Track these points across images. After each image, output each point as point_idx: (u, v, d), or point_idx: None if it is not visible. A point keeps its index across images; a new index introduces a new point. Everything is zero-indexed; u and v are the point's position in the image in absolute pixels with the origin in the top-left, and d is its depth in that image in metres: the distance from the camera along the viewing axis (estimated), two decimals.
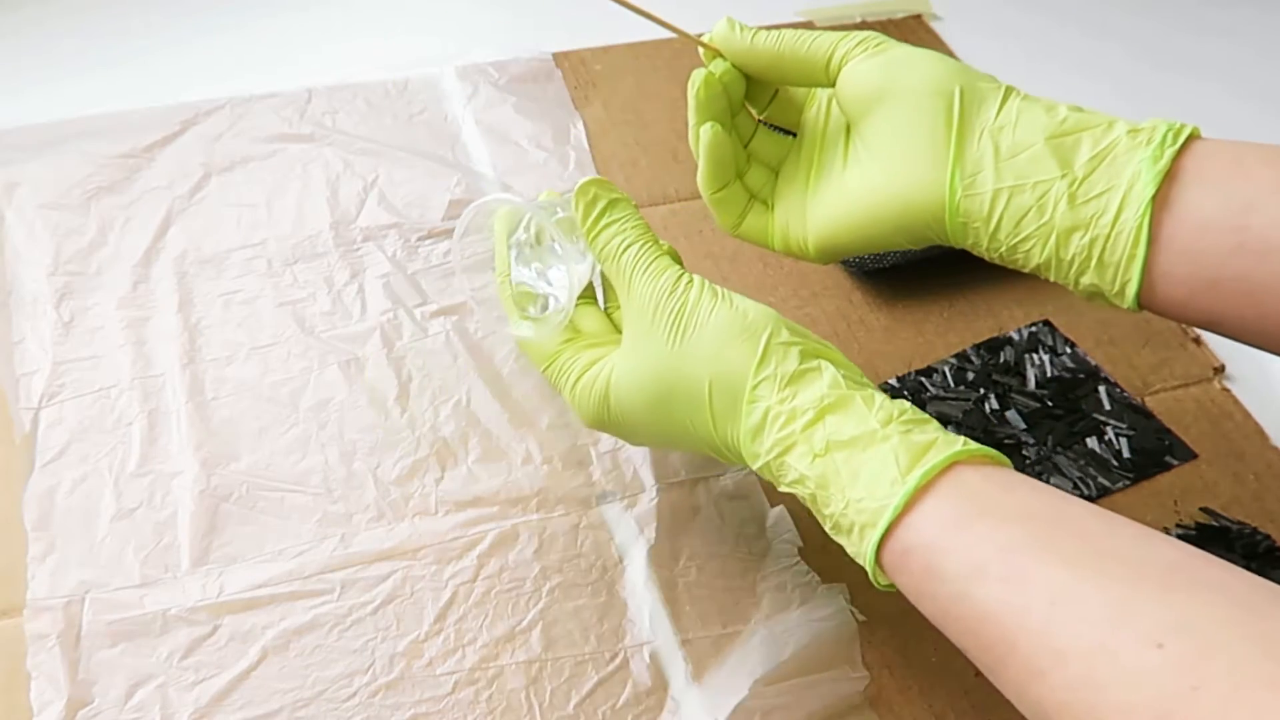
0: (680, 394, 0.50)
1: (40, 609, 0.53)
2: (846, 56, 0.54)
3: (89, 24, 0.87)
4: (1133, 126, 0.49)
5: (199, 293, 0.68)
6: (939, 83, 0.51)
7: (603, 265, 0.55)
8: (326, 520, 0.58)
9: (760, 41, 0.55)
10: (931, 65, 0.52)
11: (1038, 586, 0.40)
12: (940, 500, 0.44)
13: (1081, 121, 0.50)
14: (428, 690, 0.52)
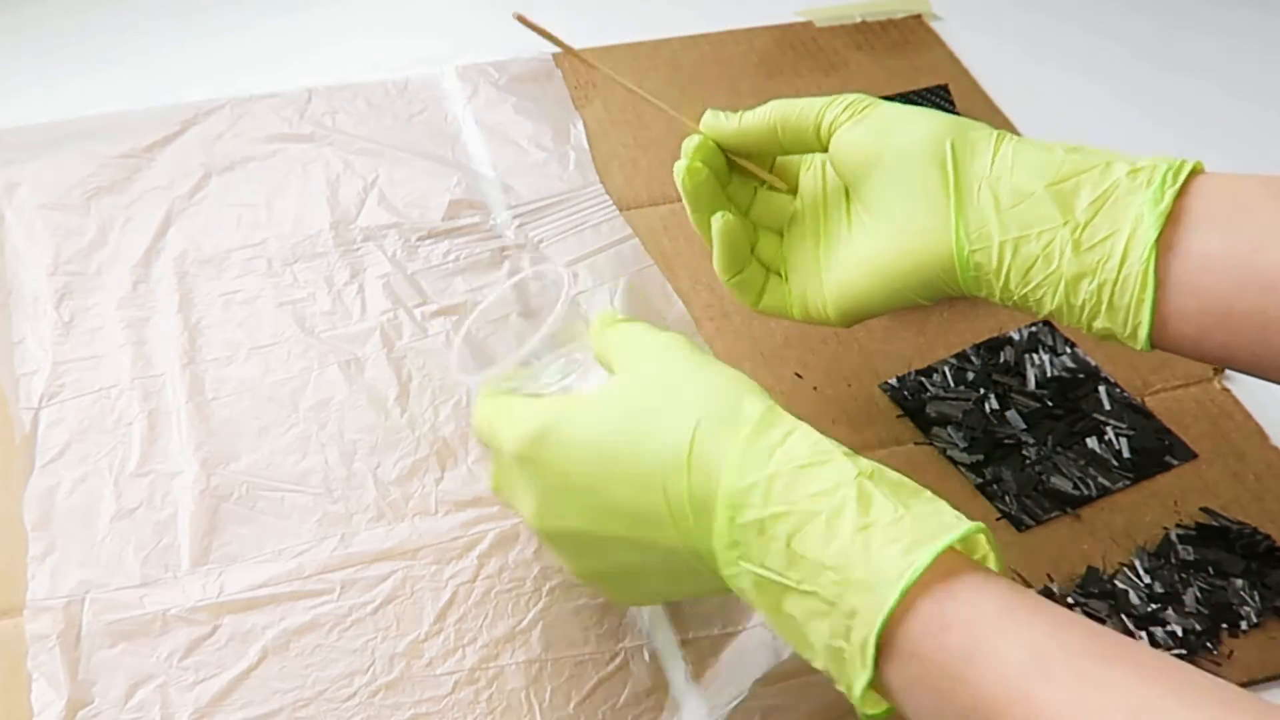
0: (656, 404, 0.45)
1: (40, 609, 0.53)
2: (835, 123, 0.54)
3: (89, 24, 0.87)
4: (1132, 166, 0.49)
5: (199, 293, 0.68)
6: (930, 140, 0.52)
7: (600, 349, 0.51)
8: (326, 520, 0.58)
9: (748, 123, 0.55)
10: (921, 123, 0.52)
11: (1113, 696, 0.35)
12: (988, 579, 0.40)
13: (1079, 164, 0.50)
14: (428, 690, 0.52)
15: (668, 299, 0.69)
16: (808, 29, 0.89)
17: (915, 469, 0.61)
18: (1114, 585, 0.56)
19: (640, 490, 0.45)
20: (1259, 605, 0.55)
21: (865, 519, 0.41)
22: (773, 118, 0.55)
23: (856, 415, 0.64)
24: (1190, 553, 0.57)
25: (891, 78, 0.85)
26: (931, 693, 0.39)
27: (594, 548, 0.48)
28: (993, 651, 0.38)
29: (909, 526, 0.40)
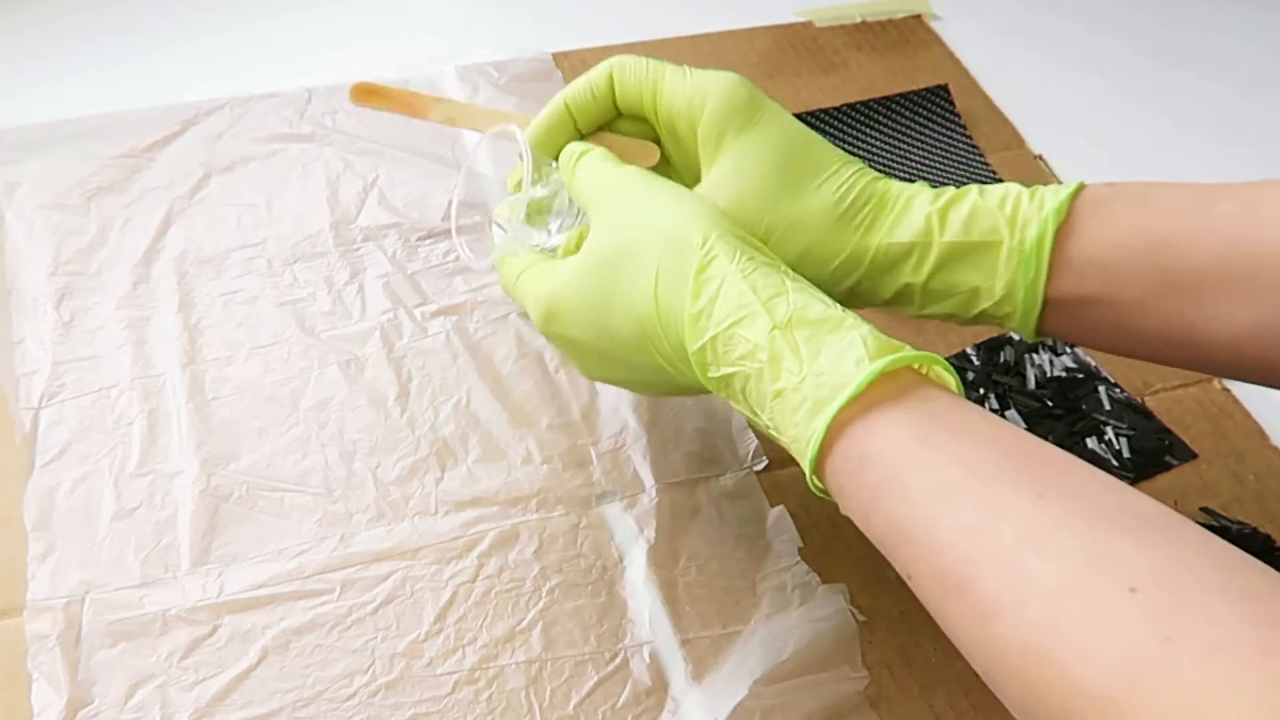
0: (625, 260, 0.48)
1: (40, 609, 0.53)
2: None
3: (89, 24, 0.87)
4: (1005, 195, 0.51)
5: (199, 293, 0.68)
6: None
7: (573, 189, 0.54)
8: (326, 520, 0.58)
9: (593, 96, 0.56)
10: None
11: (1009, 519, 0.38)
12: (907, 411, 0.42)
13: (955, 194, 0.52)
14: (428, 690, 0.52)
15: None
16: (807, 29, 0.89)
17: None
18: None
19: (633, 346, 0.49)
20: None
21: (776, 385, 0.44)
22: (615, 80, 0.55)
23: None
24: None
25: (891, 78, 0.85)
26: (859, 522, 0.43)
27: (602, 364, 0.53)
28: (900, 483, 0.40)
29: (811, 388, 0.43)
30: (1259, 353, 0.48)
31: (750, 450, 0.61)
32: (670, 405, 0.63)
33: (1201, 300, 0.48)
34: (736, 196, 0.52)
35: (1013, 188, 0.51)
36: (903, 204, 0.51)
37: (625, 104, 0.56)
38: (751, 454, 0.61)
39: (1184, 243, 0.48)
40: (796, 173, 0.52)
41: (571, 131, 0.56)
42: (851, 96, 0.83)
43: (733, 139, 0.52)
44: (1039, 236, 0.49)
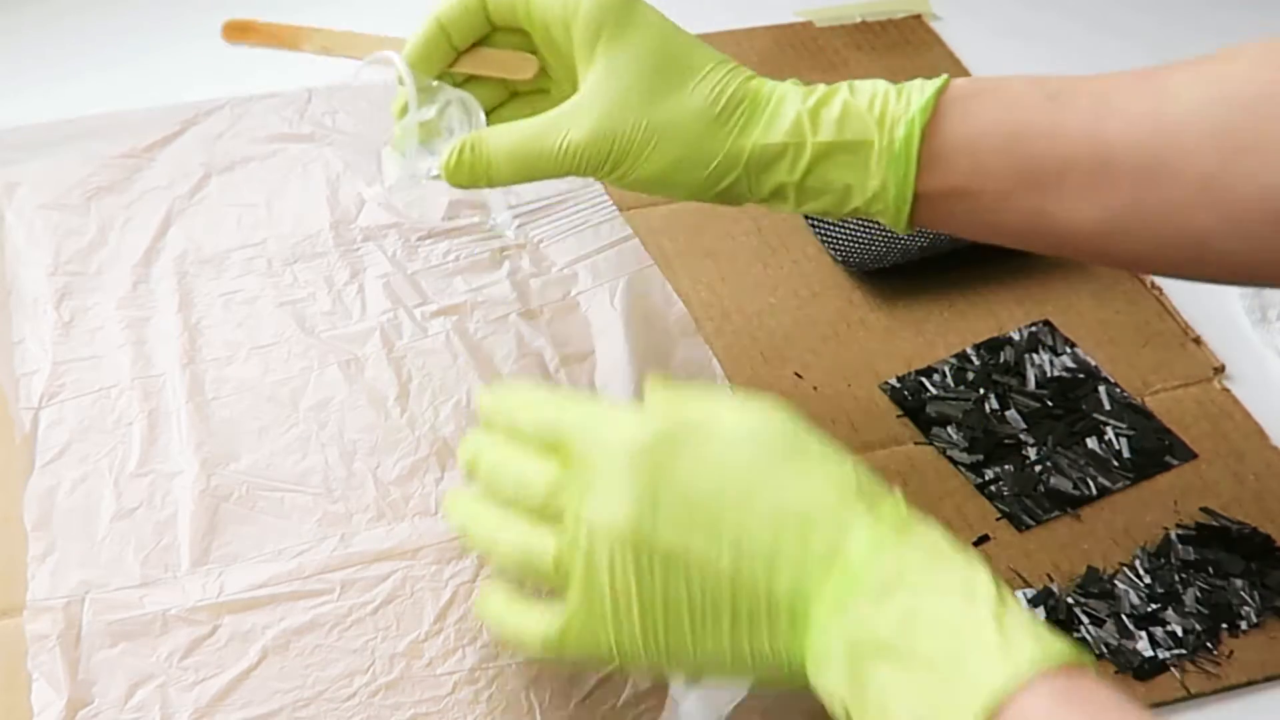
0: None
1: (40, 610, 0.53)
2: None
3: (89, 24, 0.87)
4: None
5: (199, 293, 0.68)
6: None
7: None
8: (326, 520, 0.58)
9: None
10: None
11: None
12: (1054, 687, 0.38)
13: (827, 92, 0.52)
14: (428, 690, 0.52)
15: (668, 299, 0.69)
16: (807, 29, 0.89)
17: (915, 469, 0.61)
18: (1114, 585, 0.56)
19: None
20: (1259, 605, 0.55)
21: None
22: None
23: (856, 415, 0.64)
24: (1190, 553, 0.57)
25: (891, 78, 0.84)
26: None
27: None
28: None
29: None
30: (1119, 244, 0.50)
31: None
32: None
33: (1060, 193, 0.49)
34: (612, 101, 0.51)
35: (880, 85, 0.51)
36: (775, 103, 0.52)
37: (498, 15, 0.54)
38: None
39: (1040, 137, 0.49)
40: (671, 74, 0.52)
41: (447, 48, 0.55)
42: None
43: (607, 43, 0.52)
44: (907, 136, 0.50)
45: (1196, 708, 0.53)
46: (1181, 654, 0.54)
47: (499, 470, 0.47)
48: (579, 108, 0.52)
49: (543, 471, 0.45)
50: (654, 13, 0.53)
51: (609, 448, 0.44)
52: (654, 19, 0.53)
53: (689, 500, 0.42)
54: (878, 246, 0.70)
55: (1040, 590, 0.56)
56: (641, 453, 0.43)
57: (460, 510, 0.48)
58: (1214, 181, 0.47)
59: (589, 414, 0.46)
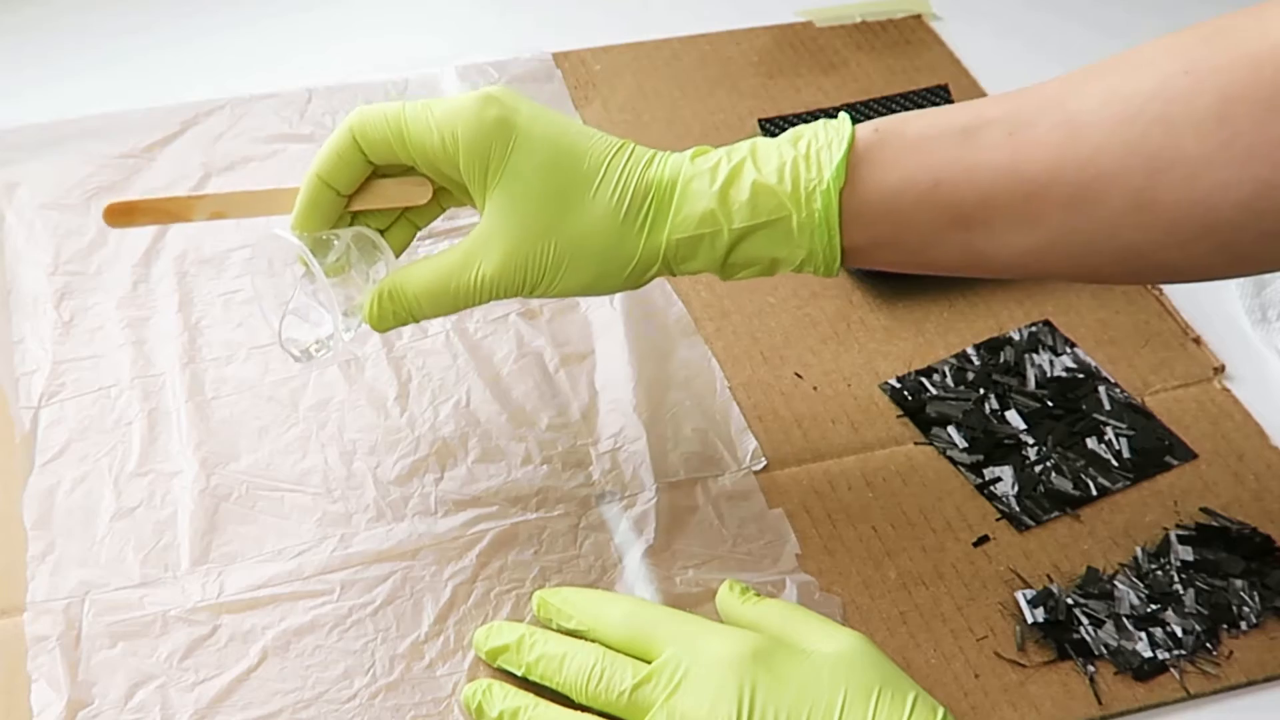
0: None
1: (41, 610, 0.53)
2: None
3: (89, 24, 0.87)
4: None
5: (199, 293, 0.68)
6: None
7: None
8: (326, 520, 0.58)
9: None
10: None
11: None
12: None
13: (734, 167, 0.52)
14: (428, 692, 0.52)
15: (667, 299, 0.69)
16: (808, 29, 0.89)
17: (915, 469, 0.61)
18: (1114, 585, 0.56)
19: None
20: (1259, 605, 0.55)
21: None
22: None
23: (856, 415, 0.64)
24: (1190, 553, 0.57)
25: (891, 78, 0.85)
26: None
27: None
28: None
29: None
30: (1054, 267, 0.51)
31: (749, 451, 0.61)
32: (670, 405, 0.63)
33: (987, 229, 0.49)
34: (516, 231, 0.51)
35: (785, 151, 0.51)
36: (681, 193, 0.51)
37: (378, 159, 0.53)
38: (750, 455, 0.61)
39: (959, 181, 0.49)
40: (568, 188, 0.51)
41: (335, 200, 0.54)
42: (851, 97, 0.83)
43: (496, 171, 0.51)
44: (825, 206, 0.50)
45: (1196, 708, 0.53)
46: (1181, 654, 0.54)
47: (575, 663, 0.49)
48: (487, 239, 0.51)
49: (629, 666, 0.48)
50: (534, 121, 0.52)
51: (707, 654, 0.47)
52: (536, 132, 0.52)
53: (779, 711, 0.45)
54: None
55: (1040, 590, 0.56)
56: (741, 661, 0.46)
57: (503, 701, 0.49)
58: (1141, 200, 0.47)
59: (676, 619, 0.50)
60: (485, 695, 0.50)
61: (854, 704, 0.46)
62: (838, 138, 0.50)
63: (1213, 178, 0.46)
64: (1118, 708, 0.52)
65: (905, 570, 0.57)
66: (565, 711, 0.49)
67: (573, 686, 0.49)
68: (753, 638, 0.48)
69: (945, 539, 0.58)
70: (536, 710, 0.49)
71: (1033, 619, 0.55)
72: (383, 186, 0.55)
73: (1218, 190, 0.46)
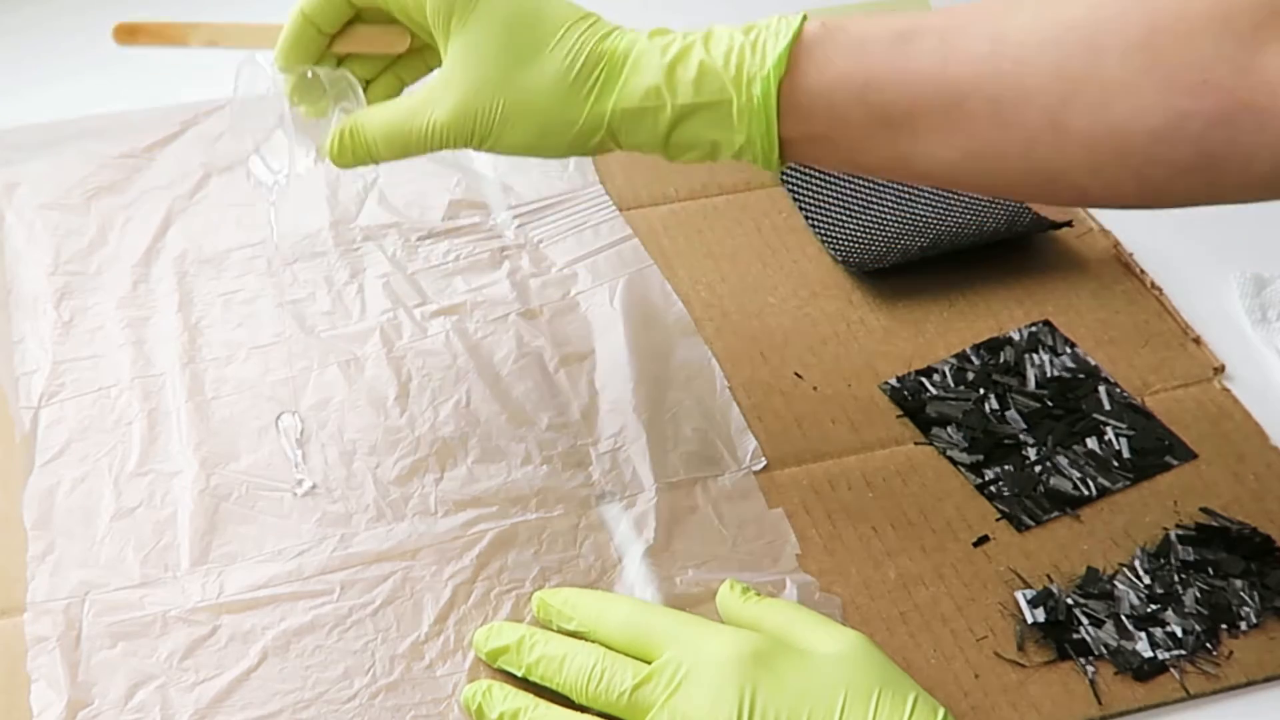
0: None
1: (41, 611, 0.53)
2: None
3: (89, 24, 0.87)
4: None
5: (199, 292, 0.68)
6: None
7: None
8: (326, 520, 0.58)
9: None
10: None
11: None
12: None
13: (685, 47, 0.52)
14: (428, 692, 0.52)
15: (667, 299, 0.69)
16: None
17: (915, 469, 0.61)
18: (1114, 585, 0.56)
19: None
20: (1259, 605, 0.55)
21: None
22: None
23: (856, 415, 0.64)
24: (1190, 553, 0.57)
25: None
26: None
27: None
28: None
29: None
30: (976, 180, 0.51)
31: (749, 451, 0.61)
32: (670, 405, 0.63)
33: (914, 135, 0.50)
34: (469, 80, 0.52)
35: (736, 37, 0.51)
36: (631, 64, 0.52)
37: (360, 3, 0.55)
38: (750, 455, 0.61)
39: (891, 84, 0.50)
40: (525, 44, 0.52)
41: (317, 37, 0.55)
42: None
43: (460, 20, 0.52)
44: (764, 93, 0.50)
45: (1196, 708, 0.53)
46: (1181, 654, 0.54)
47: (575, 663, 0.49)
48: (442, 87, 0.53)
49: (629, 666, 0.49)
50: None
51: (708, 654, 0.48)
52: None
53: (780, 712, 0.46)
54: (878, 246, 0.70)
55: (1040, 590, 0.56)
56: (742, 662, 0.47)
57: (504, 702, 0.50)
58: (1058, 121, 0.48)
59: (677, 620, 0.50)
60: (485, 696, 0.50)
61: (854, 705, 0.46)
62: (785, 28, 0.51)
63: (1129, 103, 0.46)
64: (1118, 708, 0.52)
65: (905, 570, 0.57)
66: (566, 712, 0.49)
67: (573, 687, 0.49)
68: (753, 638, 0.48)
69: (945, 539, 0.58)
70: (537, 711, 0.49)
71: (1033, 619, 0.55)
72: (363, 30, 0.56)
73: (1133, 116, 0.46)
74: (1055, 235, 0.73)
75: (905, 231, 0.71)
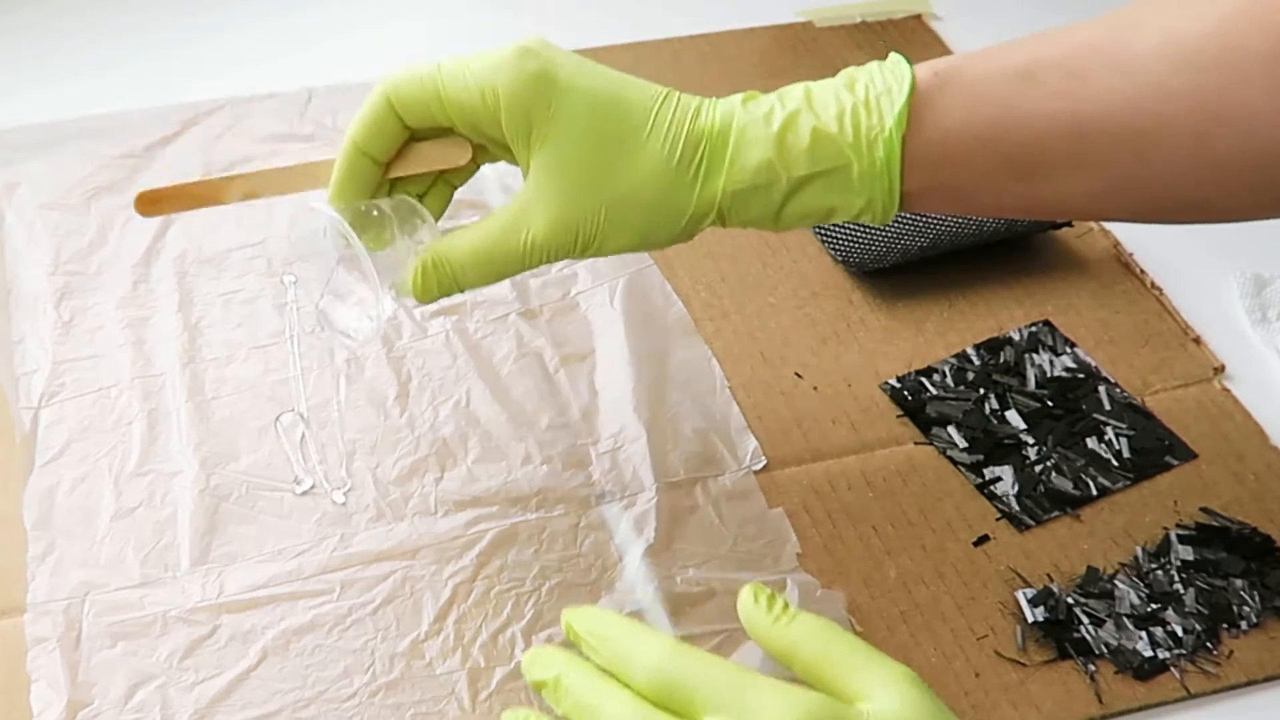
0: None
1: (41, 611, 0.53)
2: None
3: (89, 24, 0.87)
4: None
5: (199, 292, 0.68)
6: None
7: None
8: (326, 520, 0.58)
9: None
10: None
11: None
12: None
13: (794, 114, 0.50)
14: (428, 690, 0.52)
15: (667, 299, 0.69)
16: (808, 29, 0.89)
17: (915, 469, 0.61)
18: (1114, 585, 0.56)
19: None
20: (1259, 605, 0.55)
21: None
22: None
23: (856, 415, 0.64)
24: (1190, 553, 0.57)
25: None
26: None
27: None
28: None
29: None
30: (1112, 212, 0.51)
31: (749, 450, 0.61)
32: (670, 405, 0.63)
33: (1045, 176, 0.48)
34: (564, 190, 0.49)
35: (843, 97, 0.49)
36: (736, 142, 0.49)
37: (414, 123, 0.51)
38: (750, 454, 0.61)
39: (1013, 127, 0.48)
40: (616, 142, 0.49)
41: (372, 168, 0.52)
42: None
43: (540, 129, 0.49)
44: (887, 155, 0.48)
45: (1196, 708, 0.53)
46: (1181, 654, 0.54)
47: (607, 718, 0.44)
48: (534, 202, 0.49)
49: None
50: (576, 74, 0.50)
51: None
52: (580, 85, 0.49)
53: None
54: (878, 246, 0.70)
55: (1040, 590, 0.56)
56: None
57: None
58: (1201, 150, 0.46)
59: (713, 673, 0.43)
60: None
61: None
62: (897, 82, 0.49)
63: (1272, 121, 0.45)
64: (1118, 707, 0.52)
65: (905, 570, 0.57)
66: None
67: None
68: (804, 702, 0.41)
69: (945, 539, 0.58)
70: None
71: (1033, 618, 0.55)
72: (421, 150, 0.53)
73: (1277, 134, 0.45)
74: (1055, 235, 0.73)
75: (905, 231, 0.71)
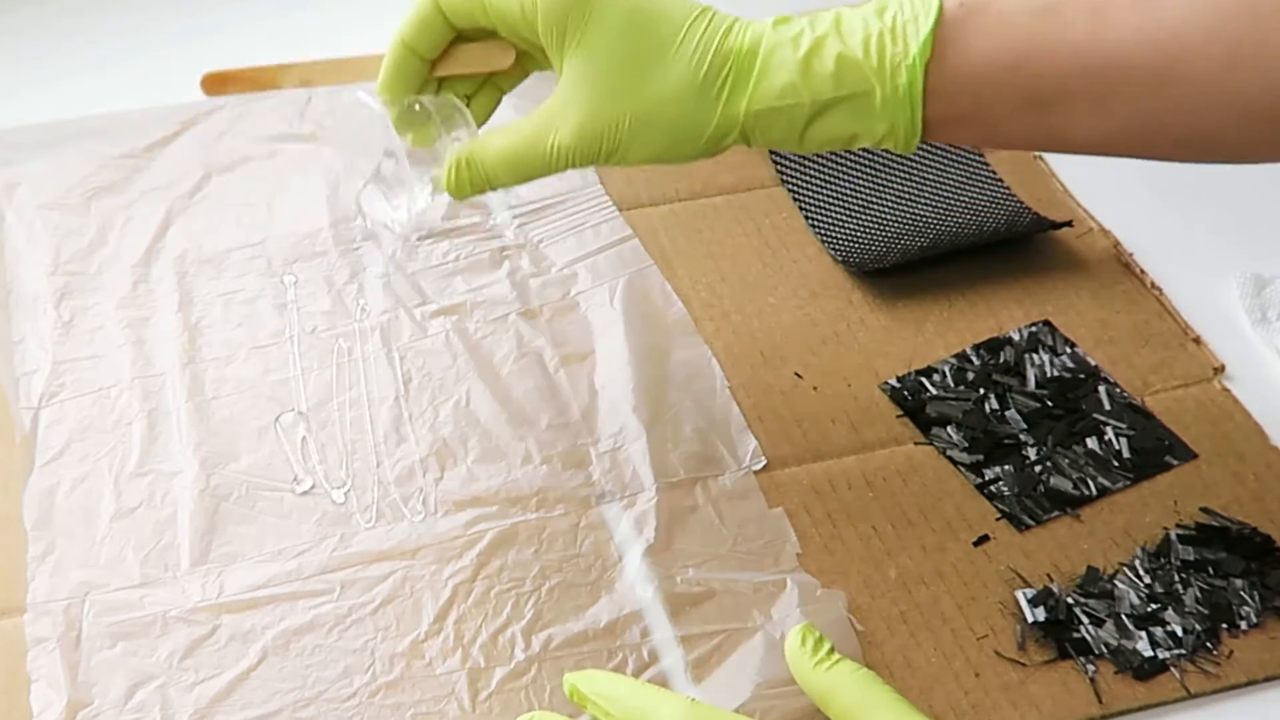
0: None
1: (41, 611, 0.53)
2: None
3: (89, 24, 0.87)
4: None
5: (199, 292, 0.68)
6: None
7: None
8: (326, 520, 0.58)
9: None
10: None
11: None
12: None
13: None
14: (428, 690, 0.52)
15: (667, 299, 0.69)
16: None
17: (915, 469, 0.61)
18: (1114, 585, 0.56)
19: None
20: (1259, 605, 0.55)
21: None
22: None
23: (856, 415, 0.64)
24: (1190, 553, 0.57)
25: None
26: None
27: None
28: None
29: None
30: (1130, 147, 0.50)
31: (749, 450, 0.61)
32: (670, 405, 0.63)
33: (1066, 109, 0.49)
34: (592, 97, 0.50)
35: (871, 23, 0.50)
36: (763, 63, 0.50)
37: (459, 21, 0.53)
38: (750, 454, 0.61)
39: (1039, 60, 0.48)
40: (646, 54, 0.50)
41: (419, 65, 0.54)
42: None
43: (574, 36, 0.50)
44: (910, 82, 0.49)
45: (1196, 708, 0.53)
46: (1181, 654, 0.54)
47: None
48: (563, 106, 0.51)
49: None
50: None
51: None
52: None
53: None
54: (878, 246, 0.70)
55: (1040, 590, 0.56)
56: None
57: None
58: (1222, 85, 0.46)
59: None
60: None
61: None
62: (925, 11, 0.49)
63: None
64: (1118, 707, 0.52)
65: (905, 570, 0.57)
66: None
67: None
68: None
69: (945, 539, 0.58)
70: None
71: (1033, 618, 0.55)
72: (466, 50, 0.54)
73: None
74: (1055, 235, 0.73)
75: (905, 231, 0.71)
